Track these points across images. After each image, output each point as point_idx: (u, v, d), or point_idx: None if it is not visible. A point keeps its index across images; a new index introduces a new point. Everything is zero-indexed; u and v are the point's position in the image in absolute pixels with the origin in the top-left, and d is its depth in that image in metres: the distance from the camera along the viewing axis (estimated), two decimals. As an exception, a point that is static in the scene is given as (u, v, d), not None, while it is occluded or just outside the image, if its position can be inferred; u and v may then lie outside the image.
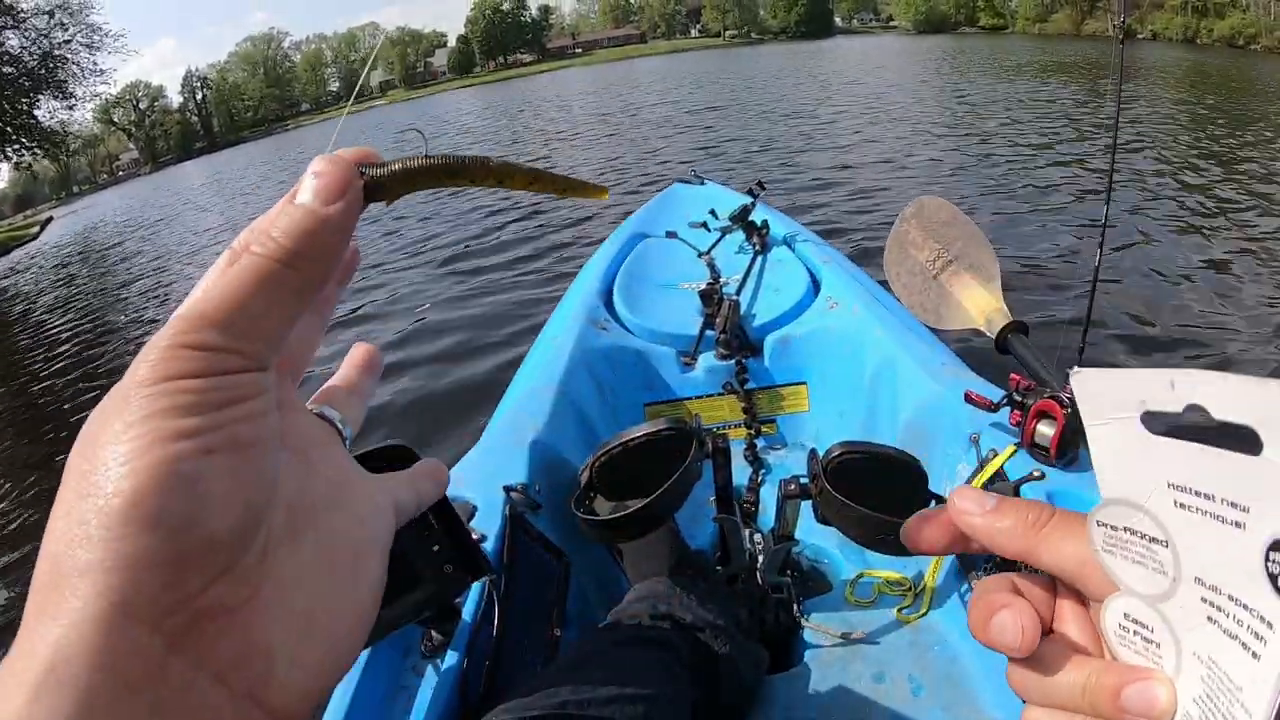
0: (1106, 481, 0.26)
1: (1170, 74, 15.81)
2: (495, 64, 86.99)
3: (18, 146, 26.34)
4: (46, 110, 27.62)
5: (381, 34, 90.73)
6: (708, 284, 1.84)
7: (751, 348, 1.73)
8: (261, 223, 0.26)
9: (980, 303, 1.36)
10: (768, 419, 1.69)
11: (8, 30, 26.14)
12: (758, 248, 2.11)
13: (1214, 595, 0.23)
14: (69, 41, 28.05)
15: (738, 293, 1.84)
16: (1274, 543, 0.21)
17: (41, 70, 26.92)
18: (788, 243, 2.17)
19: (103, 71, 29.02)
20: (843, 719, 1.03)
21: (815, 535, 1.32)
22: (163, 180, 40.16)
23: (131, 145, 77.77)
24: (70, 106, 28.59)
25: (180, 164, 62.09)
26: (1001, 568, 1.01)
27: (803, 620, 1.17)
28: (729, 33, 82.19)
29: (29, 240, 22.01)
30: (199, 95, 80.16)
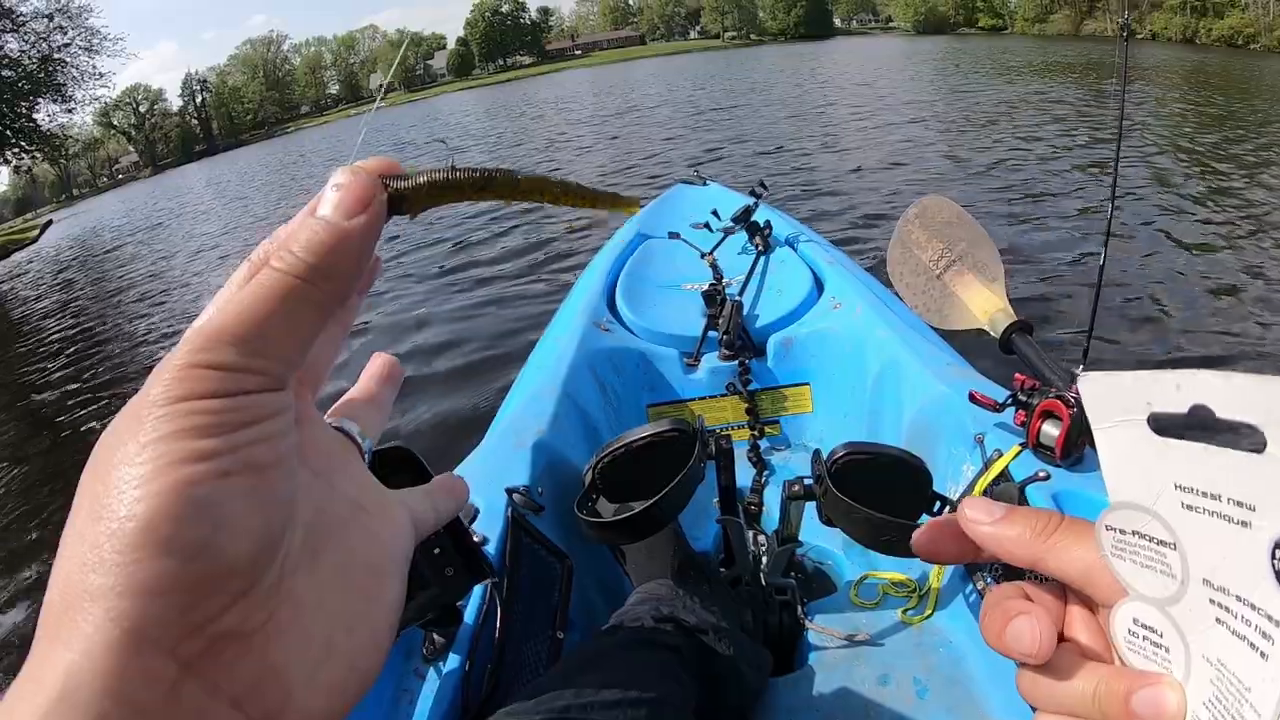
0: (1114, 485, 0.26)
1: (1171, 74, 15.82)
2: (495, 66, 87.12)
3: (17, 150, 26.38)
4: (46, 114, 27.69)
5: (381, 36, 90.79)
6: (710, 285, 1.84)
7: (755, 348, 1.72)
8: (280, 234, 0.26)
9: (984, 302, 1.35)
10: (771, 420, 1.69)
11: (7, 34, 26.20)
12: (760, 248, 2.10)
13: (1222, 596, 0.23)
14: (68, 45, 28.08)
15: (740, 293, 1.84)
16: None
17: (41, 74, 26.94)
18: (790, 243, 2.17)
19: (102, 75, 29.04)
20: None
21: (819, 537, 1.31)
22: (163, 183, 40.19)
23: (131, 148, 77.90)
24: (69, 110, 28.64)
25: (180, 167, 62.14)
26: (1008, 574, 1.01)
27: (807, 622, 1.17)
28: (728, 34, 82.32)
29: (29, 243, 21.97)
30: (198, 98, 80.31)
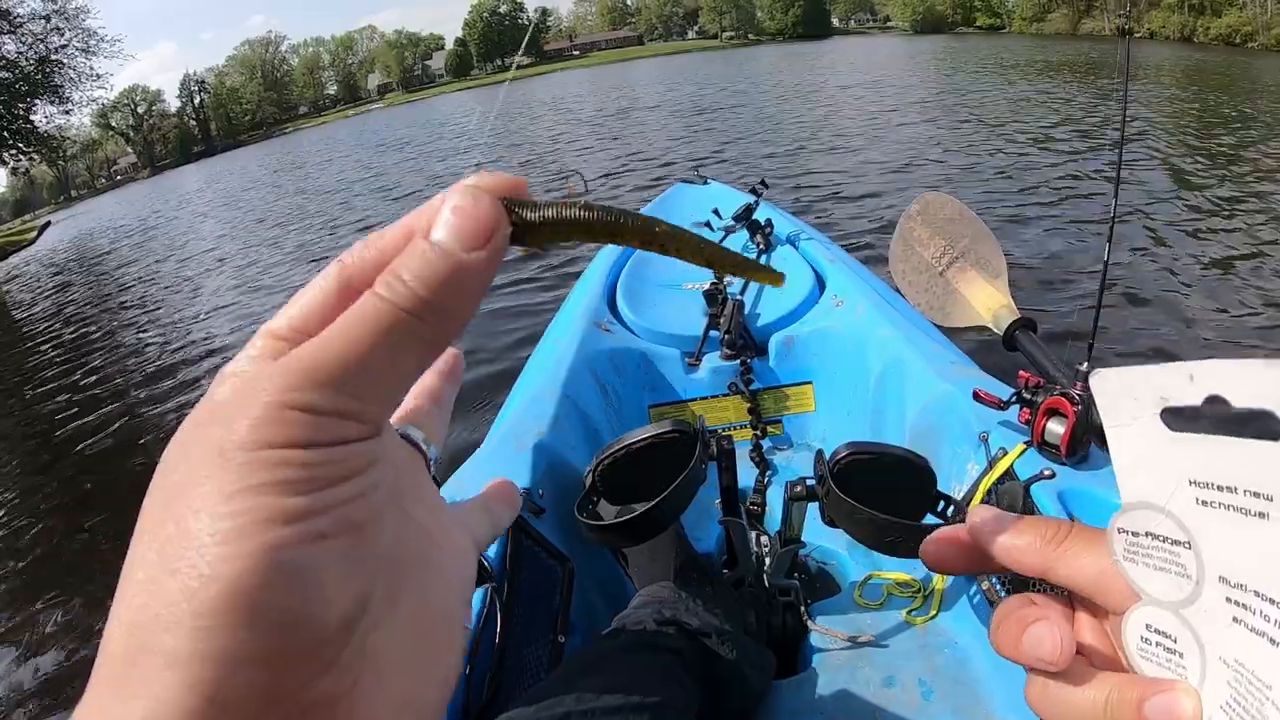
0: (1127, 485, 0.26)
1: (1170, 72, 15.84)
2: (493, 66, 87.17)
3: (14, 152, 26.37)
4: (43, 115, 27.66)
5: (379, 36, 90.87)
6: (711, 284, 1.83)
7: (756, 348, 1.71)
8: (378, 244, 0.23)
9: (987, 299, 1.34)
10: (773, 420, 1.68)
11: (4, 35, 26.18)
12: (761, 247, 2.10)
13: (1239, 593, 0.22)
14: (65, 46, 28.05)
15: (742, 292, 1.83)
16: None
17: (38, 75, 26.93)
18: (791, 241, 2.16)
19: (99, 76, 29.00)
20: None
21: (823, 537, 1.31)
22: (161, 184, 40.18)
23: (129, 149, 77.96)
24: (67, 111, 28.60)
25: (178, 168, 62.12)
26: (1015, 580, 1.00)
27: (810, 623, 1.16)
28: (726, 34, 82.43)
29: (26, 245, 21.95)
30: (197, 99, 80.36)
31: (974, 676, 1.04)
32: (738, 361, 1.66)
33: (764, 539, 1.22)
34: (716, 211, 2.27)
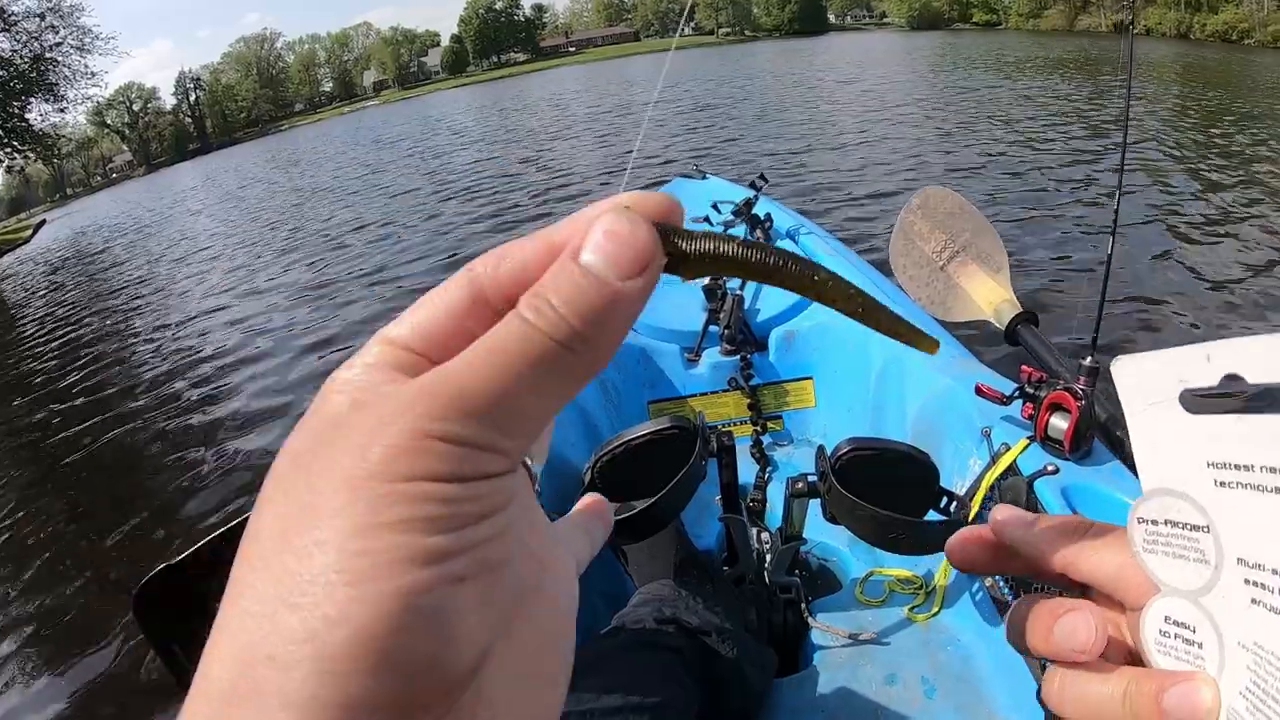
0: (1147, 473, 0.25)
1: (1170, 68, 15.86)
2: (489, 63, 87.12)
3: (9, 150, 26.32)
4: (38, 113, 27.63)
5: (375, 33, 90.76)
6: (711, 279, 1.82)
7: (756, 343, 1.71)
8: (516, 256, 0.22)
9: (988, 293, 1.33)
10: (774, 415, 1.68)
11: (-1, 33, 26.15)
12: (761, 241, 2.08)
13: (1257, 574, 0.22)
14: (60, 44, 28.04)
15: (741, 288, 1.82)
16: None
17: (33, 73, 26.90)
18: (791, 236, 2.15)
19: (94, 74, 29.01)
20: None
21: (823, 534, 1.30)
22: (156, 182, 40.10)
23: (125, 147, 77.77)
24: (62, 109, 28.60)
25: (174, 165, 61.99)
26: (1020, 579, 0.99)
27: (811, 621, 1.15)
28: (722, 30, 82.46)
29: (21, 244, 21.92)
30: (192, 96, 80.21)
31: (977, 674, 1.04)
32: (738, 357, 1.65)
33: (764, 536, 1.21)
34: (716, 206, 2.26)
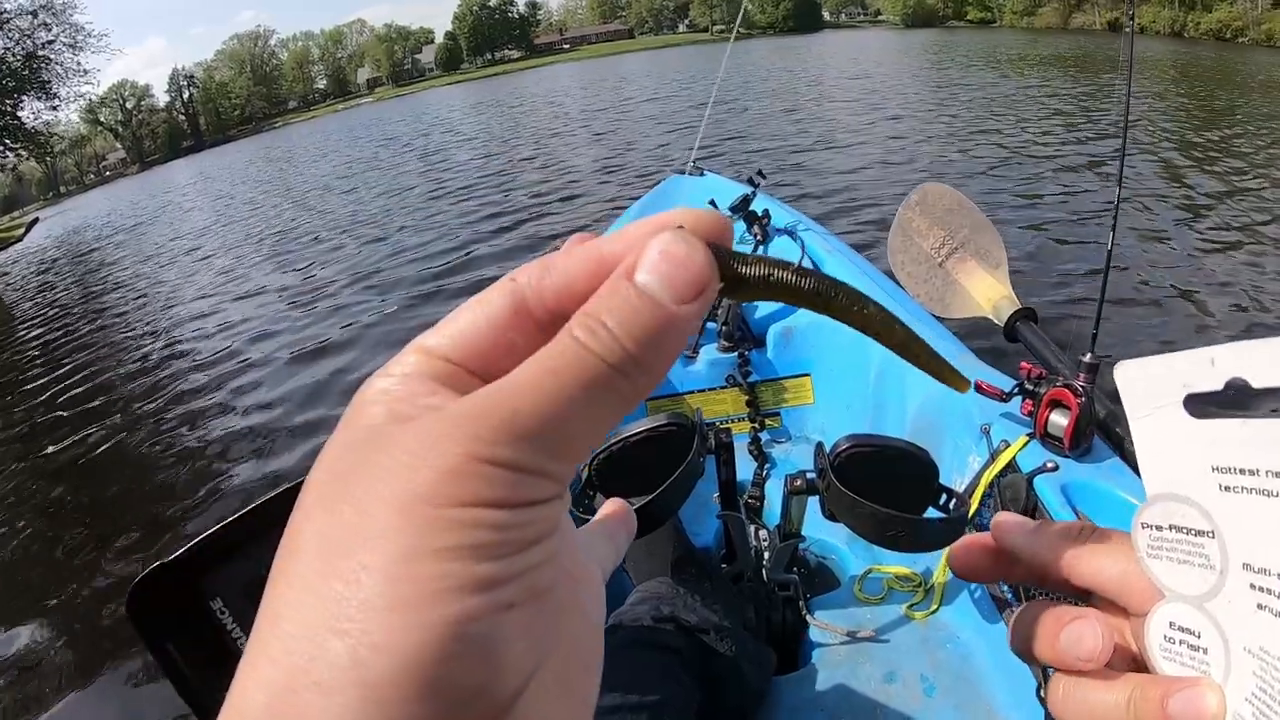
0: (1151, 478, 0.25)
1: (1165, 66, 15.90)
2: (483, 60, 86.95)
3: (1, 148, 26.19)
4: (30, 111, 27.51)
5: (369, 30, 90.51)
6: None
7: (754, 339, 1.70)
8: (561, 269, 0.21)
9: (988, 290, 1.33)
10: (772, 412, 1.67)
11: (-9, 31, 26.03)
12: (759, 237, 2.08)
13: (1263, 579, 0.22)
14: (52, 42, 27.92)
15: None
16: None
17: (25, 71, 26.78)
18: (789, 232, 2.15)
19: (86, 71, 28.91)
20: None
21: (822, 531, 1.29)
22: (150, 180, 39.94)
23: (118, 145, 77.43)
24: (54, 107, 28.47)
25: (167, 163, 61.76)
26: (1018, 586, 0.99)
27: (810, 618, 1.15)
28: (716, 27, 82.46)
29: (14, 242, 21.83)
30: (186, 94, 79.89)
31: (976, 672, 1.03)
32: (735, 353, 1.64)
33: (763, 533, 1.21)
34: (713, 202, 2.25)
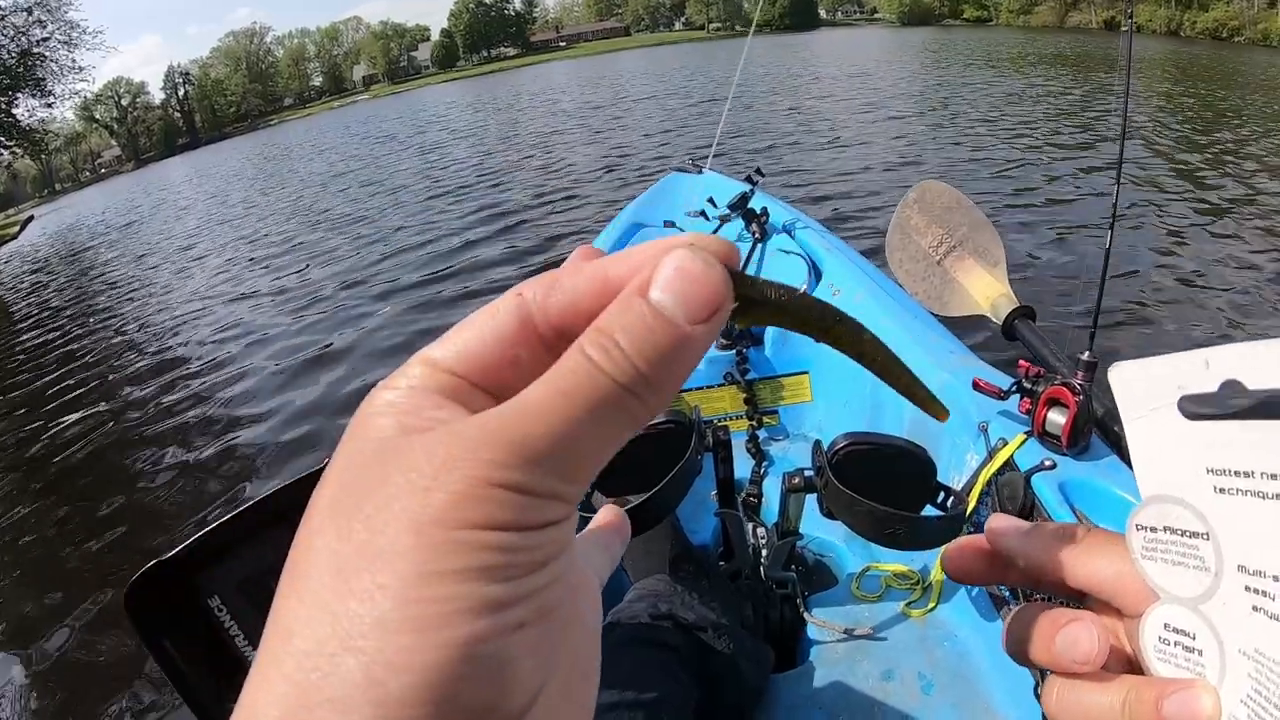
0: (1145, 480, 0.25)
1: (1162, 65, 15.95)
2: (479, 58, 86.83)
3: (-4, 146, 26.15)
4: (25, 108, 27.42)
5: (365, 27, 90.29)
6: None
7: (752, 337, 1.70)
8: (569, 286, 0.21)
9: (986, 288, 1.33)
10: (770, 410, 1.67)
11: (-14, 28, 25.94)
12: (757, 235, 2.08)
13: (1258, 581, 0.22)
14: (47, 39, 27.82)
15: None
16: None
17: (20, 68, 26.68)
18: (788, 230, 2.14)
19: (81, 69, 28.82)
20: (850, 719, 1.01)
21: (820, 529, 1.29)
22: (145, 177, 39.82)
23: (114, 142, 77.17)
24: (49, 104, 28.43)
25: (163, 160, 61.59)
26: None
27: (808, 616, 1.15)
28: (712, 25, 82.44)
29: (8, 240, 21.77)
30: (181, 91, 79.66)
31: (974, 669, 1.03)
32: (733, 351, 1.64)
33: (761, 531, 1.21)
34: (711, 200, 2.25)
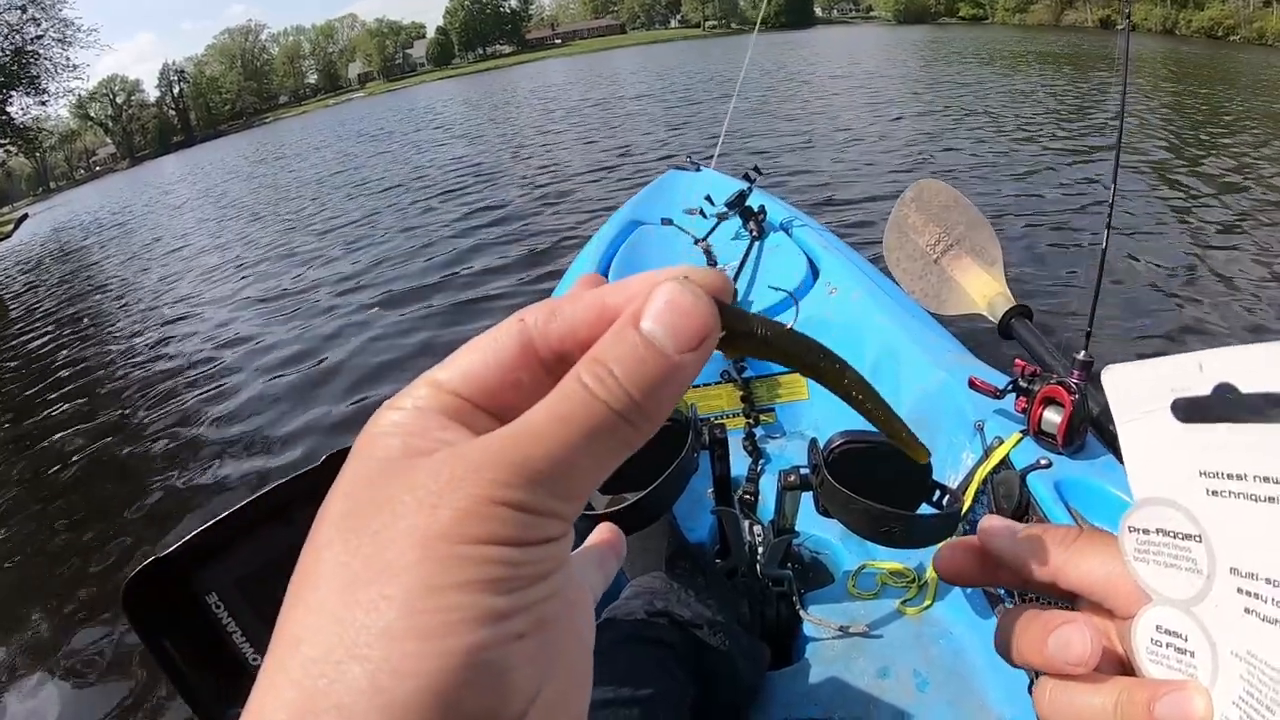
0: (1138, 482, 0.25)
1: (1159, 64, 15.97)
2: (474, 55, 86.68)
3: (-10, 144, 26.08)
4: (19, 107, 27.34)
5: (360, 25, 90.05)
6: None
7: None
8: (559, 312, 0.22)
9: (983, 287, 1.33)
10: (766, 408, 1.67)
11: (-21, 27, 25.84)
12: (755, 233, 2.08)
13: (1250, 583, 0.22)
14: (41, 37, 27.75)
15: (735, 280, 1.81)
16: None
17: (14, 66, 26.60)
18: (785, 228, 2.15)
19: (76, 66, 28.84)
20: (846, 716, 1.01)
21: (816, 526, 1.29)
22: (140, 175, 39.68)
23: (108, 140, 76.88)
24: (43, 102, 28.37)
25: (158, 158, 61.38)
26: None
27: (804, 614, 1.15)
28: (708, 23, 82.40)
29: (3, 239, 21.72)
30: (176, 89, 79.40)
31: (969, 667, 1.04)
32: (732, 350, 1.64)
33: (757, 528, 1.21)
34: (709, 198, 2.25)
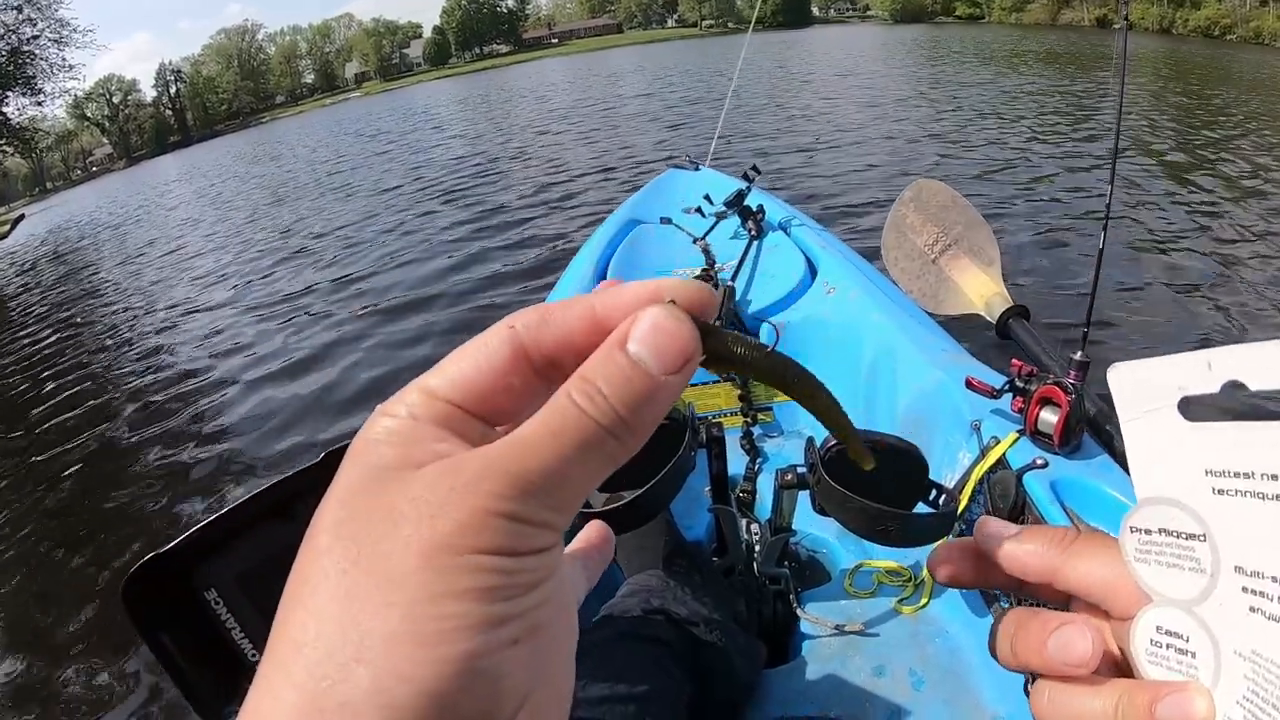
0: (1142, 481, 0.25)
1: (1156, 63, 16.00)
2: (471, 55, 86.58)
3: (-13, 145, 26.01)
4: (15, 107, 27.25)
5: (356, 24, 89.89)
6: (703, 270, 1.82)
7: (747, 334, 1.70)
8: (551, 320, 0.23)
9: (980, 286, 1.34)
10: (764, 407, 1.67)
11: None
12: (753, 233, 2.08)
13: (1255, 581, 0.22)
14: (37, 37, 27.65)
15: (733, 279, 1.82)
16: None
17: (10, 66, 26.52)
18: (784, 227, 2.15)
19: (71, 67, 28.66)
20: (842, 713, 1.01)
21: (813, 525, 1.29)
22: (137, 175, 39.61)
23: (105, 140, 76.70)
24: (39, 103, 28.24)
25: (155, 158, 61.26)
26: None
27: (800, 612, 1.15)
28: (705, 23, 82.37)
29: (0, 239, 21.68)
30: (173, 89, 79.23)
31: (965, 666, 1.04)
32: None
33: (754, 527, 1.21)
34: (708, 197, 2.25)
